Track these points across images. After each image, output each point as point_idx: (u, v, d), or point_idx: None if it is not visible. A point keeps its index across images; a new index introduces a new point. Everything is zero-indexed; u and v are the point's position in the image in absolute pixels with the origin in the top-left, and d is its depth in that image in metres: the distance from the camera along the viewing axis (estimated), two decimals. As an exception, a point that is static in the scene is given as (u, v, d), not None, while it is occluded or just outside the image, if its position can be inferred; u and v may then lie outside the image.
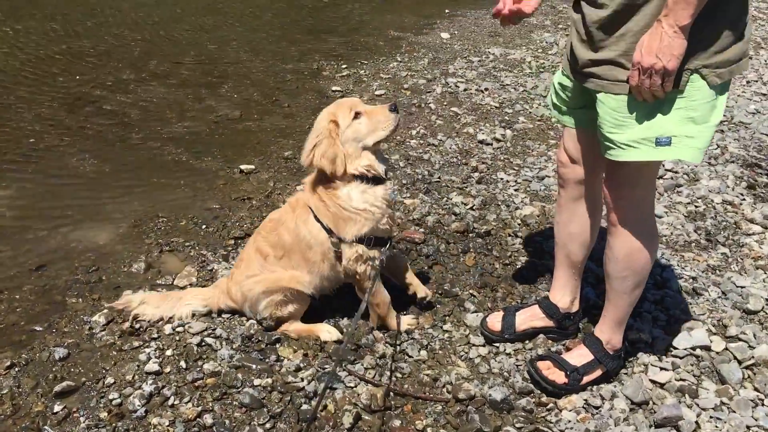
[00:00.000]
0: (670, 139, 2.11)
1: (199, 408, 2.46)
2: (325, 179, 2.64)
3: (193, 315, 2.94)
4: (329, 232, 2.65)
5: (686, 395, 2.58)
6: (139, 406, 2.45)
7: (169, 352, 2.72)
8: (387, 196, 2.65)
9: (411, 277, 3.03)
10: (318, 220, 2.67)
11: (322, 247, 2.70)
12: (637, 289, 2.48)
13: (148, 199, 4.08)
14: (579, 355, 2.63)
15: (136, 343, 2.77)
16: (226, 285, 2.95)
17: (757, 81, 6.65)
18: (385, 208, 2.64)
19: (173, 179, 4.37)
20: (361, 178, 2.61)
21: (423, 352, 2.80)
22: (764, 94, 6.21)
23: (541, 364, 2.65)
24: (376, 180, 2.64)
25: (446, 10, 9.82)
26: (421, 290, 3.02)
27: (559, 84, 2.51)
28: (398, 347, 2.82)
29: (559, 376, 2.59)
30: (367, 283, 2.70)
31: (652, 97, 2.03)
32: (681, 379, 2.66)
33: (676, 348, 2.82)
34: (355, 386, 2.57)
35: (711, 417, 2.49)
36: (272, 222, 2.90)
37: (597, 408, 2.53)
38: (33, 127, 5.02)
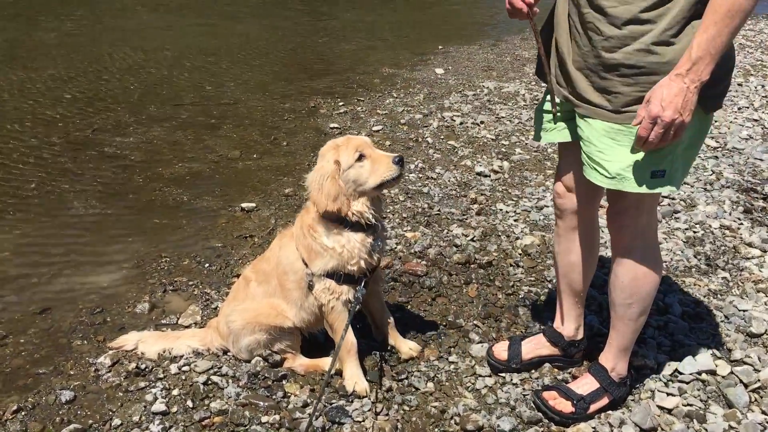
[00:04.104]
0: (665, 171, 2.15)
1: (207, 447, 2.45)
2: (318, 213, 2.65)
3: (194, 352, 2.96)
4: (304, 263, 2.69)
5: (694, 420, 2.57)
6: (147, 446, 2.44)
7: (175, 392, 2.71)
8: (366, 244, 2.63)
9: (394, 336, 2.99)
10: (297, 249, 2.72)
11: (296, 275, 2.72)
12: (642, 316, 2.49)
13: (150, 240, 4.11)
14: (585, 384, 2.63)
15: (142, 384, 2.77)
16: (216, 322, 2.98)
17: (748, 107, 6.75)
18: (356, 253, 2.61)
19: (175, 219, 4.41)
20: (344, 221, 2.60)
21: (429, 384, 2.79)
22: (756, 120, 6.29)
23: (546, 395, 2.64)
24: (358, 226, 2.62)
25: (439, 47, 10.00)
26: (404, 351, 2.97)
27: (541, 109, 2.55)
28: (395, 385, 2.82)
29: (565, 406, 2.58)
30: (332, 316, 2.70)
31: (657, 147, 2.05)
32: (688, 404, 2.66)
33: (681, 373, 2.82)
34: (363, 420, 2.57)
35: (720, 441, 2.48)
36: (264, 252, 2.98)
37: (606, 436, 2.52)
38: (35, 172, 5.07)
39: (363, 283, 2.67)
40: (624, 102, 2.13)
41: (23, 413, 2.61)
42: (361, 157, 2.57)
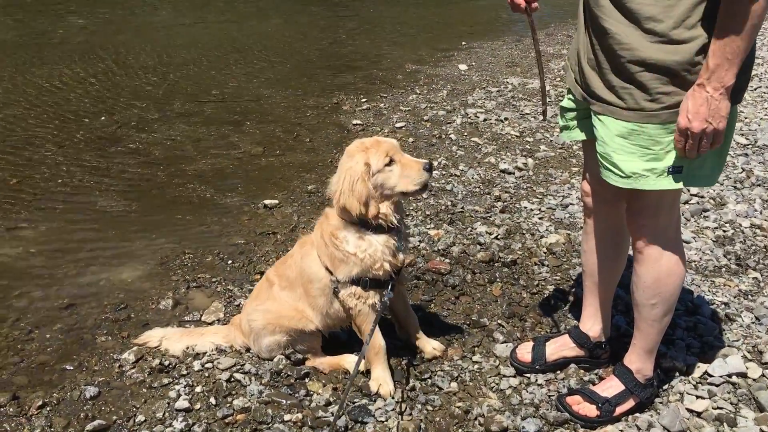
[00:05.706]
0: (682, 167, 2.10)
1: (230, 445, 2.45)
2: (336, 217, 2.63)
3: (218, 349, 2.96)
4: (328, 270, 2.66)
5: (724, 424, 2.52)
6: (170, 443, 2.44)
7: (198, 389, 2.72)
8: (390, 246, 2.60)
9: (418, 335, 2.96)
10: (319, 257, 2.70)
11: (321, 283, 2.70)
12: (666, 316, 2.44)
13: (174, 236, 4.13)
14: (610, 387, 2.58)
15: (165, 380, 2.78)
16: (239, 319, 2.99)
17: (779, 103, 6.61)
18: (379, 256, 2.58)
19: (198, 216, 4.42)
20: (366, 224, 2.58)
21: (453, 384, 2.76)
22: (787, 116, 6.16)
23: (570, 400, 2.59)
24: (381, 228, 2.59)
25: (462, 42, 9.94)
26: (428, 350, 2.94)
27: (563, 107, 2.52)
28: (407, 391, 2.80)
29: (590, 410, 2.53)
30: (360, 318, 2.68)
31: (699, 155, 2.03)
32: (718, 408, 2.60)
33: (711, 375, 2.75)
34: (386, 420, 2.55)
35: (751, 446, 2.42)
36: (286, 256, 2.97)
37: (633, 439, 2.47)
38: (60, 168, 5.12)
39: (390, 287, 2.64)
40: (635, 100, 2.08)
41: (48, 408, 2.63)
42: (390, 162, 2.52)
